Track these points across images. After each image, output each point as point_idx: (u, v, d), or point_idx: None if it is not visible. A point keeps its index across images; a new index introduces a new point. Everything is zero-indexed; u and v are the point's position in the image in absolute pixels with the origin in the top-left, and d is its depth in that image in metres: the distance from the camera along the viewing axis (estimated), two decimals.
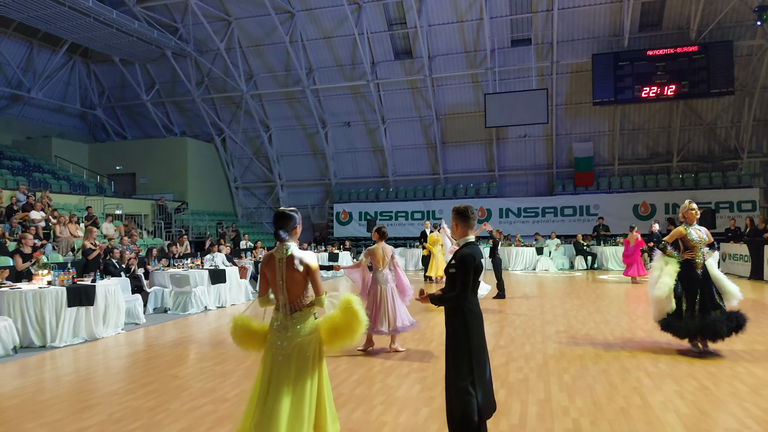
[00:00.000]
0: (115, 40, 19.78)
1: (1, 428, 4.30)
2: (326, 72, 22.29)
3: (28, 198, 14.37)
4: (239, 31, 21.66)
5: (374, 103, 22.28)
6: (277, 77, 22.74)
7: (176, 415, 4.53)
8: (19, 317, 7.19)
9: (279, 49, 21.89)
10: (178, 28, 21.57)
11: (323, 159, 24.23)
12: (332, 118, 23.33)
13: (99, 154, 23.71)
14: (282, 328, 3.29)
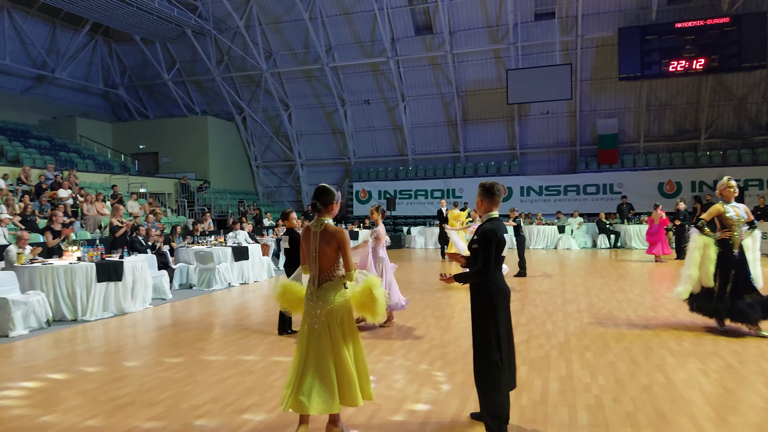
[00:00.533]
0: (136, 18, 19.84)
1: (38, 396, 4.47)
2: (345, 49, 22.11)
3: (55, 177, 14.68)
4: (258, 8, 21.54)
5: (394, 80, 22.08)
6: (297, 55, 22.64)
7: (204, 386, 4.67)
8: (51, 292, 7.43)
9: (298, 26, 21.75)
10: (197, 5, 21.54)
11: (342, 138, 24.19)
12: (351, 96, 23.21)
13: (122, 133, 24.03)
14: (313, 298, 3.49)
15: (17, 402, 4.38)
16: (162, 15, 19.92)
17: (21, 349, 6.21)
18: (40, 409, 4.20)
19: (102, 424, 3.86)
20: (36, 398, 4.44)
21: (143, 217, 13.28)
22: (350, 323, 3.52)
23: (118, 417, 3.99)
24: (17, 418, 4.02)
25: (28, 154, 16.98)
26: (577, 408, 3.97)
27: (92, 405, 4.25)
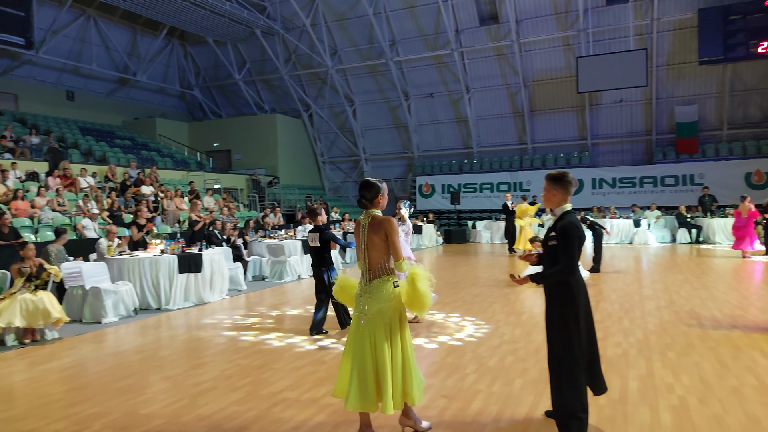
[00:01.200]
0: (209, 21, 20.74)
1: (130, 379, 4.81)
2: (409, 43, 22.08)
3: (138, 174, 15.64)
4: (324, 6, 21.91)
5: (458, 72, 21.83)
6: (361, 51, 22.86)
7: (281, 374, 4.85)
8: (137, 282, 7.94)
9: (362, 22, 21.94)
10: (265, 6, 22.21)
11: (406, 132, 24.21)
12: (415, 90, 23.17)
13: (198, 132, 25.22)
14: (363, 293, 3.44)
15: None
16: (233, 17, 20.71)
17: (112, 335, 6.69)
18: (130, 393, 4.52)
19: (189, 407, 4.10)
20: (126, 382, 4.78)
21: (218, 212, 13.91)
22: (400, 325, 3.40)
23: (202, 401, 4.23)
24: (113, 398, 4.34)
25: (113, 153, 18.17)
26: (659, 409, 3.80)
27: (178, 389, 4.52)
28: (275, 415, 3.89)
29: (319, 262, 6.39)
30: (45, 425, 3.82)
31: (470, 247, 18.11)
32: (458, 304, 7.83)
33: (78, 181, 13.58)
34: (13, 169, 12.81)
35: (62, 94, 21.69)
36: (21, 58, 19.58)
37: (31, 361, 5.51)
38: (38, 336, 6.33)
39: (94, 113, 22.34)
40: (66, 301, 7.35)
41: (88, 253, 9.02)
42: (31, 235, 10.14)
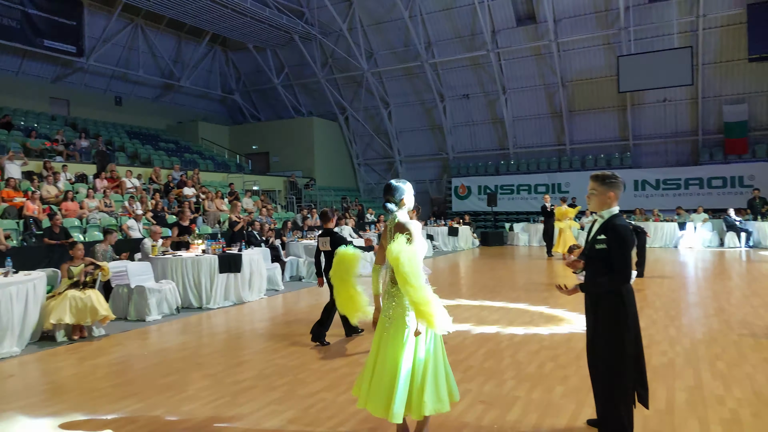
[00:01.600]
0: (249, 28, 21.20)
1: (173, 376, 4.94)
2: (445, 45, 22.01)
3: (181, 176, 16.08)
4: (360, 11, 22.07)
5: (494, 73, 21.61)
6: (397, 53, 22.91)
7: (317, 374, 4.89)
8: (180, 281, 8.16)
9: (398, 25, 21.99)
10: (304, 12, 22.53)
11: (441, 133, 24.12)
12: (450, 92, 23.06)
13: (238, 135, 25.79)
14: (388, 296, 3.37)
15: None
16: (272, 23, 21.11)
17: (155, 332, 6.89)
18: (173, 390, 4.64)
19: (229, 405, 4.19)
20: (169, 378, 4.91)
21: (257, 213, 14.16)
22: (424, 333, 3.26)
23: (242, 399, 4.31)
24: (157, 394, 4.47)
25: (157, 156, 18.75)
26: (709, 421, 3.66)
27: (219, 387, 4.61)
28: (312, 416, 3.93)
29: (330, 267, 6.21)
30: (94, 419, 3.96)
31: (507, 249, 17.87)
32: (496, 308, 7.74)
33: (124, 182, 14.06)
34: (63, 171, 13.37)
35: (111, 100, 22.54)
36: (73, 66, 20.46)
37: (80, 357, 5.72)
38: (86, 333, 6.58)
39: (141, 117, 23.14)
40: (112, 299, 7.61)
41: (134, 252, 9.33)
42: (80, 235, 10.55)
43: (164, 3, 18.38)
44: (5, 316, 5.69)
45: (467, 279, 11.34)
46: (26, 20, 17.66)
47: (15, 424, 3.95)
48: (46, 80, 20.32)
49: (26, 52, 18.70)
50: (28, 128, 16.32)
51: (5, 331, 5.70)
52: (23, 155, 13.41)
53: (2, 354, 5.66)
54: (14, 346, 5.80)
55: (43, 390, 4.77)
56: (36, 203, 10.60)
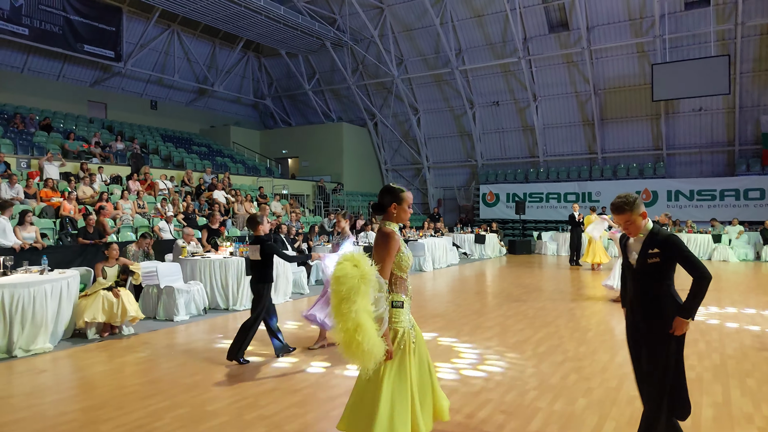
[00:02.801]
0: (282, 34, 21.56)
1: (198, 376, 5.05)
2: (475, 51, 21.95)
3: (212, 179, 16.41)
4: (391, 18, 22.22)
5: (525, 80, 21.44)
6: (427, 60, 22.95)
7: (339, 378, 4.93)
8: (208, 282, 8.33)
9: (429, 32, 22.05)
10: (336, 19, 22.79)
11: (470, 140, 24.02)
12: (480, 99, 22.97)
13: (268, 139, 26.20)
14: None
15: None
16: (305, 29, 21.42)
17: (183, 332, 7.04)
18: (198, 389, 4.74)
19: (251, 407, 4.26)
20: (194, 378, 5.02)
21: (285, 217, 14.34)
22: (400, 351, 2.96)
23: (264, 401, 4.37)
24: (182, 393, 4.57)
25: (190, 159, 19.18)
26: None
27: (242, 388, 4.69)
28: (333, 419, 3.95)
29: (259, 278, 5.60)
30: (121, 415, 4.08)
31: (535, 258, 17.65)
32: (520, 318, 7.66)
33: (157, 184, 14.43)
34: (99, 173, 13.80)
35: (146, 104, 23.18)
36: (111, 70, 21.13)
37: (110, 354, 5.90)
38: (117, 330, 6.77)
39: (175, 121, 23.74)
40: (142, 298, 7.82)
41: (164, 253, 9.56)
42: (114, 235, 10.86)
43: (200, 9, 18.86)
44: (39, 312, 5.90)
45: (493, 287, 11.25)
46: (68, 26, 18.35)
47: (47, 418, 4.10)
48: (85, 84, 21.04)
49: (67, 56, 19.42)
50: (66, 130, 16.91)
51: (39, 327, 5.91)
52: (61, 157, 13.90)
53: (36, 350, 5.87)
54: (47, 342, 6.01)
55: (74, 386, 4.93)
56: (72, 203, 10.97)
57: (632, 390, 4.52)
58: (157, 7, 19.74)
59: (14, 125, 15.74)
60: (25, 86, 19.03)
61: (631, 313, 3.27)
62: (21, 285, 5.82)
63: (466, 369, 5.19)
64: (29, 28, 17.26)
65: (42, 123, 16.72)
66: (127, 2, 19.88)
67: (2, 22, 16.54)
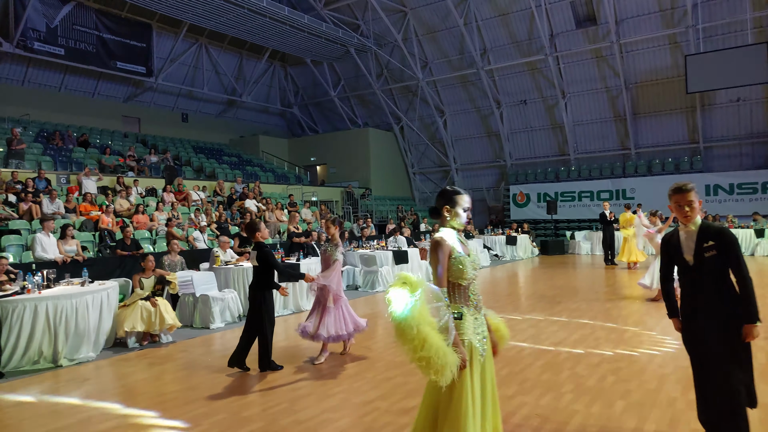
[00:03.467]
0: (307, 43, 21.83)
1: (234, 382, 5.13)
2: (501, 50, 21.77)
3: (243, 189, 16.69)
4: (415, 21, 22.24)
5: (553, 77, 21.14)
6: (452, 62, 22.88)
7: (372, 383, 4.94)
8: (241, 290, 8.45)
9: (453, 33, 21.98)
10: (359, 24, 22.95)
11: (498, 140, 23.80)
12: (507, 98, 22.75)
13: (296, 147, 26.52)
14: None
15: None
16: (329, 37, 21.63)
17: (219, 339, 7.17)
18: (234, 395, 4.82)
19: (287, 412, 4.30)
20: (231, 384, 5.10)
21: (315, 223, 14.47)
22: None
23: (299, 406, 4.41)
24: (220, 399, 4.65)
25: (221, 170, 19.55)
26: None
27: (277, 393, 4.75)
28: (367, 424, 3.97)
29: (257, 284, 5.61)
30: (162, 422, 4.18)
31: (568, 258, 17.35)
32: (555, 319, 7.54)
33: (190, 195, 14.75)
34: (135, 185, 14.20)
35: (178, 117, 23.76)
36: (143, 86, 21.75)
37: (150, 362, 6.05)
38: (156, 339, 6.94)
39: (205, 133, 24.26)
40: (179, 307, 7.99)
41: (199, 262, 9.75)
42: (150, 246, 11.15)
43: (226, 22, 19.26)
44: (82, 323, 6.10)
45: (526, 289, 11.10)
46: (101, 44, 18.98)
47: (92, 425, 4.23)
48: (119, 100, 21.69)
49: (101, 74, 20.07)
50: (103, 146, 17.46)
51: (82, 337, 6.11)
52: (98, 171, 14.35)
53: (80, 358, 6.07)
54: (90, 351, 6.20)
55: (116, 393, 5.08)
56: (110, 216, 11.31)
57: (673, 392, 4.40)
58: (185, 22, 20.25)
59: (54, 142, 16.33)
60: (63, 104, 19.75)
61: (696, 313, 3.11)
62: (64, 297, 6.03)
63: (500, 372, 5.14)
64: (65, 48, 17.93)
65: (80, 139, 17.30)
66: (156, 18, 20.45)
67: (39, 43, 17.22)
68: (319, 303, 5.85)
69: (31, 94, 18.90)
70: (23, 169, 13.23)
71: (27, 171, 13.05)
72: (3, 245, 9.33)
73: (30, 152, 14.67)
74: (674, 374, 4.86)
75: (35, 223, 10.49)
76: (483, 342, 2.78)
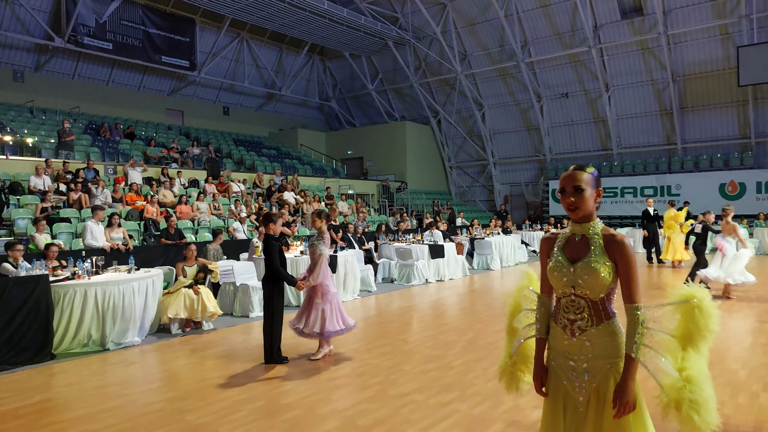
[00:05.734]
0: (346, 36, 21.90)
1: (273, 371, 5.23)
2: (542, 42, 21.32)
3: (282, 181, 16.93)
4: (454, 13, 22.01)
5: (596, 70, 20.59)
6: (491, 54, 22.56)
7: (408, 376, 4.95)
8: None
9: (493, 26, 21.66)
10: (398, 17, 22.87)
11: (537, 134, 23.38)
12: (548, 91, 22.29)
13: (334, 141, 26.71)
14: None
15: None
16: (368, 30, 21.65)
17: (258, 328, 7.26)
18: (273, 383, 4.91)
19: (324, 401, 4.36)
20: (269, 372, 5.20)
21: (352, 216, 14.56)
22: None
23: (336, 396, 4.47)
24: (259, 386, 4.75)
25: (261, 162, 19.87)
26: None
27: (315, 383, 4.82)
28: (403, 416, 3.98)
29: (266, 276, 5.52)
30: (204, 406, 4.30)
31: None
32: None
33: (231, 187, 15.06)
34: (178, 177, 14.58)
35: (219, 110, 24.26)
36: (186, 79, 22.27)
37: (192, 348, 6.22)
38: (198, 326, 7.13)
39: (245, 126, 24.69)
40: (220, 295, 8.19)
41: (239, 252, 9.96)
42: (192, 236, 11.45)
43: (267, 16, 19.51)
44: (128, 308, 6.32)
45: None
46: (147, 39, 19.52)
47: (137, 407, 4.38)
48: (163, 93, 22.29)
49: (147, 68, 20.65)
50: (148, 138, 17.98)
51: (128, 322, 6.33)
52: (143, 162, 14.80)
53: (126, 343, 6.29)
54: (135, 336, 6.43)
55: (160, 377, 5.25)
56: (154, 206, 11.66)
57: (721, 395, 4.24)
58: (227, 17, 20.61)
59: (102, 134, 16.92)
60: (110, 97, 20.42)
61: None
62: (111, 283, 6.26)
63: None
64: (113, 42, 18.52)
65: (126, 131, 17.87)
66: (199, 13, 20.88)
67: (89, 38, 17.84)
68: (310, 299, 5.66)
69: (81, 87, 19.62)
70: (73, 159, 13.76)
71: (76, 162, 13.57)
72: (54, 233, 9.75)
73: (79, 143, 15.25)
74: (721, 378, 4.69)
75: (84, 211, 10.91)
76: None
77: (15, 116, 16.08)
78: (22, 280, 5.80)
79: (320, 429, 3.81)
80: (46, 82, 18.64)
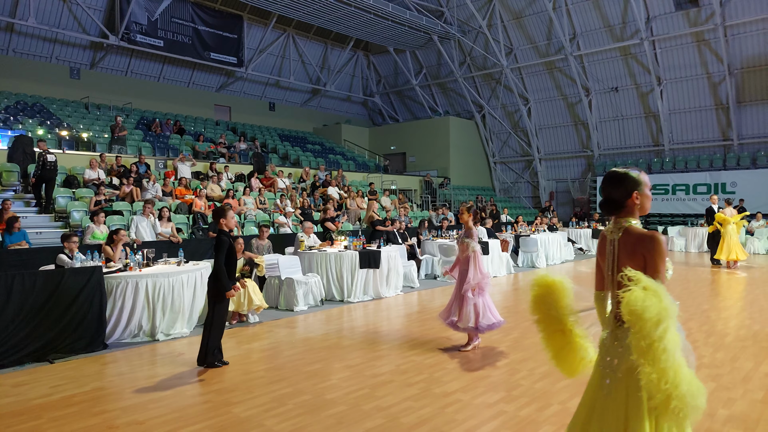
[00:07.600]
0: (390, 31, 21.86)
1: (317, 365, 5.28)
2: (592, 35, 20.70)
3: (326, 176, 17.08)
4: (500, 6, 21.63)
5: (648, 63, 19.83)
6: (538, 48, 22.06)
7: (453, 374, 4.91)
8: (324, 275, 8.69)
9: (541, 18, 21.17)
10: (443, 11, 22.66)
11: (585, 129, 22.74)
12: (597, 85, 21.63)
13: (377, 136, 26.76)
14: (611, 339, 2.32)
15: None
16: (412, 25, 21.55)
17: (302, 322, 7.41)
18: (318, 377, 4.95)
19: (368, 397, 4.37)
20: (314, 366, 5.26)
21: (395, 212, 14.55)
22: None
23: (380, 392, 4.47)
24: (304, 380, 4.81)
25: (305, 157, 20.12)
26: None
27: (359, 378, 4.84)
28: (449, 416, 3.95)
29: (211, 275, 5.25)
30: (250, 398, 4.38)
31: None
32: None
33: (276, 182, 15.30)
34: (225, 171, 14.93)
35: (265, 105, 24.69)
36: (234, 75, 22.75)
37: (238, 341, 6.36)
38: (244, 318, 7.28)
39: (291, 121, 25.06)
40: (265, 289, 8.34)
41: (284, 246, 10.11)
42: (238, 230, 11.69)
43: (313, 12, 19.68)
44: (177, 300, 6.51)
45: None
46: (196, 36, 20.04)
47: (186, 397, 4.51)
48: (212, 89, 22.83)
49: (196, 64, 21.20)
50: (196, 133, 18.47)
51: (177, 314, 6.52)
52: (192, 157, 15.21)
53: (175, 334, 6.49)
54: (184, 327, 6.61)
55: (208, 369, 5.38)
56: (203, 200, 11.96)
57: None
58: (274, 13, 20.91)
59: (153, 130, 17.49)
60: (161, 93, 21.09)
61: None
62: (161, 275, 6.46)
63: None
64: (164, 39, 19.10)
65: (176, 127, 18.41)
66: (247, 10, 21.27)
67: (141, 36, 18.46)
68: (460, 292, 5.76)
69: (133, 83, 20.33)
70: (125, 154, 14.29)
71: (128, 156, 14.08)
72: (107, 225, 10.14)
73: (131, 138, 15.81)
74: None
75: (136, 204, 11.31)
76: None
77: (71, 112, 16.82)
78: (78, 271, 6.02)
79: (365, 426, 3.82)
80: (101, 78, 19.41)
